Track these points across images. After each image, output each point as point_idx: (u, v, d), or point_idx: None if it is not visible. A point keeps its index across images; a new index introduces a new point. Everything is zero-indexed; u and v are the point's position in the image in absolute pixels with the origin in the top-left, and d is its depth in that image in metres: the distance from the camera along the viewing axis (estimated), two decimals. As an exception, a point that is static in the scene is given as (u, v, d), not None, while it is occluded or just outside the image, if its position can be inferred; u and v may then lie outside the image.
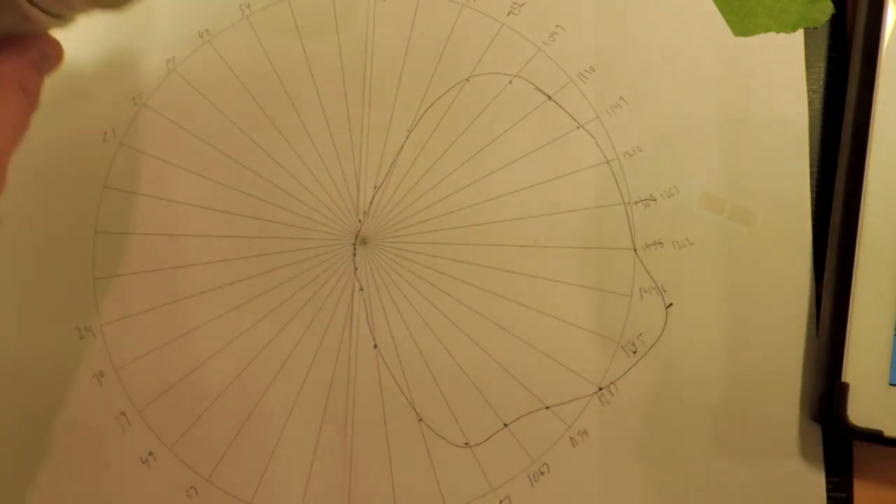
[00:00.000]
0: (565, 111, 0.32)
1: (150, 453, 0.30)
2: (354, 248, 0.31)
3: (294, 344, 0.30)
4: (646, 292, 0.30)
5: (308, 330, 0.31)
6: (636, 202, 0.31)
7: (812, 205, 0.31)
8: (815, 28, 0.32)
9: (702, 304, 0.30)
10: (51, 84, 0.33)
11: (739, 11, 0.32)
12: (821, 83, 0.32)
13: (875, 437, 0.27)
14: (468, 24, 0.32)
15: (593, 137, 0.31)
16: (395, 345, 0.30)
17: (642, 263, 0.31)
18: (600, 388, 0.30)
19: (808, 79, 0.32)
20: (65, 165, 0.32)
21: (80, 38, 0.33)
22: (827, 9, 0.32)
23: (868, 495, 0.29)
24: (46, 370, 0.31)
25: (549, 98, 0.32)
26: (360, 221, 0.31)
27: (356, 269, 0.31)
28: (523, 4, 0.33)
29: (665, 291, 0.30)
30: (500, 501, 0.29)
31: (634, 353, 0.30)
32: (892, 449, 0.29)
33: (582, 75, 0.32)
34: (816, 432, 0.29)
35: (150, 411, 0.30)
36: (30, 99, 0.25)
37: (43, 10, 0.22)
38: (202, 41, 0.33)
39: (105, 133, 0.32)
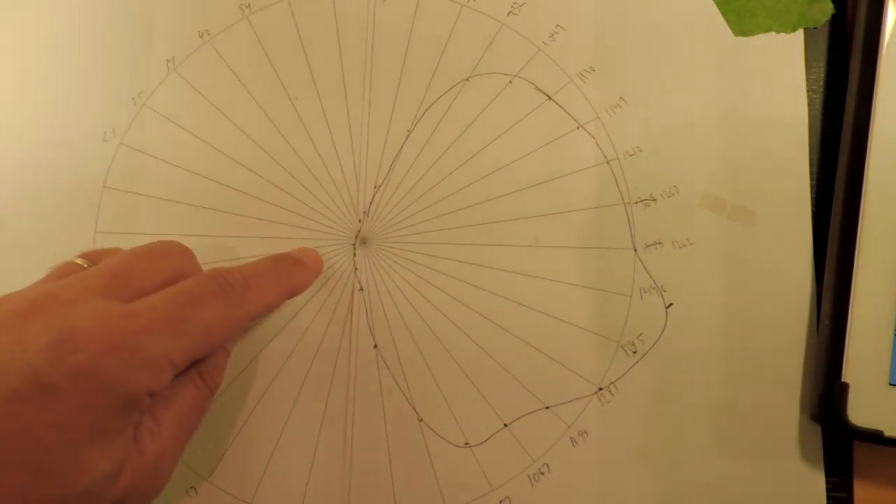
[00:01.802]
0: (565, 111, 0.32)
1: (150, 453, 0.30)
2: (354, 249, 0.31)
3: (294, 344, 0.30)
4: (646, 292, 0.30)
5: (308, 330, 0.31)
6: (636, 202, 0.31)
7: (812, 205, 0.31)
8: (815, 28, 0.32)
9: (702, 304, 0.30)
10: (51, 84, 0.33)
11: (739, 11, 0.32)
12: (821, 83, 0.32)
13: (875, 437, 0.27)
14: (468, 24, 0.32)
15: (593, 137, 0.31)
16: (395, 345, 0.30)
17: (642, 263, 0.31)
18: (600, 388, 0.30)
19: (808, 79, 0.32)
20: (65, 165, 0.32)
21: (80, 38, 0.33)
22: (827, 9, 0.32)
23: (868, 495, 0.29)
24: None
25: (549, 98, 0.32)
26: (360, 221, 0.31)
27: (356, 269, 0.31)
28: (523, 4, 0.33)
29: (665, 291, 0.30)
30: (500, 501, 0.29)
31: (634, 353, 0.30)
32: (892, 449, 0.29)
33: (582, 75, 0.32)
34: (816, 432, 0.29)
35: (150, 411, 0.30)
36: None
37: None
38: (202, 41, 0.33)
39: (105, 133, 0.32)
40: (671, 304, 0.30)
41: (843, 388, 0.28)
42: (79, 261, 0.25)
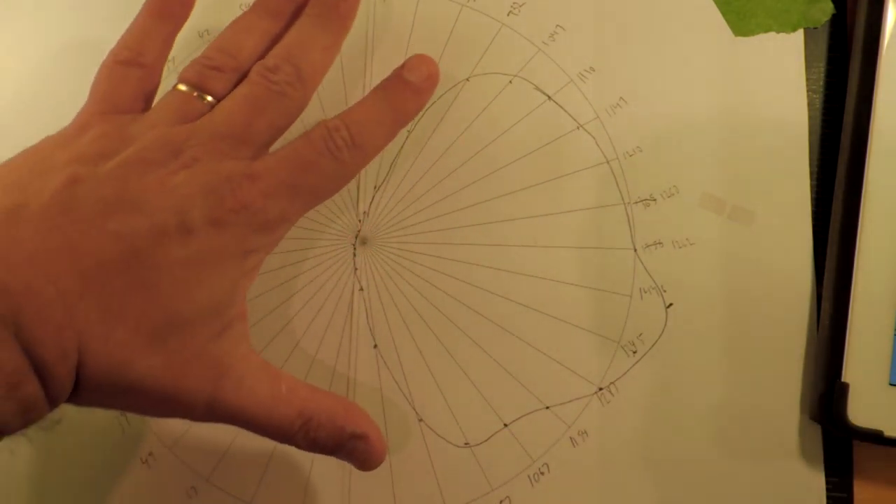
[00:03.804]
0: (565, 111, 0.32)
1: (150, 453, 0.30)
2: (354, 248, 0.31)
3: (294, 344, 0.30)
4: (646, 292, 0.30)
5: (308, 330, 0.31)
6: (636, 202, 0.31)
7: (812, 205, 0.31)
8: (815, 28, 0.32)
9: (702, 304, 0.30)
10: (51, 84, 0.33)
11: (739, 11, 0.32)
12: (821, 83, 0.32)
13: (875, 437, 0.27)
14: (468, 24, 0.32)
15: (593, 137, 0.31)
16: (395, 345, 0.30)
17: (642, 263, 0.31)
18: (600, 388, 0.30)
19: (808, 79, 0.32)
20: (65, 165, 0.32)
21: (79, 38, 0.33)
22: (827, 9, 0.32)
23: (868, 495, 0.29)
24: (46, 370, 0.31)
25: (549, 98, 0.32)
26: (360, 221, 0.31)
27: (356, 269, 0.31)
28: (523, 4, 0.33)
29: (665, 291, 0.30)
30: (500, 501, 0.29)
31: (634, 353, 0.30)
32: (892, 449, 0.29)
33: (582, 75, 0.32)
34: (816, 432, 0.29)
35: (150, 411, 0.30)
36: None
37: None
38: (202, 41, 0.33)
39: (105, 133, 0.32)
40: (671, 304, 0.30)
41: (843, 388, 0.28)
42: (183, 87, 0.28)
